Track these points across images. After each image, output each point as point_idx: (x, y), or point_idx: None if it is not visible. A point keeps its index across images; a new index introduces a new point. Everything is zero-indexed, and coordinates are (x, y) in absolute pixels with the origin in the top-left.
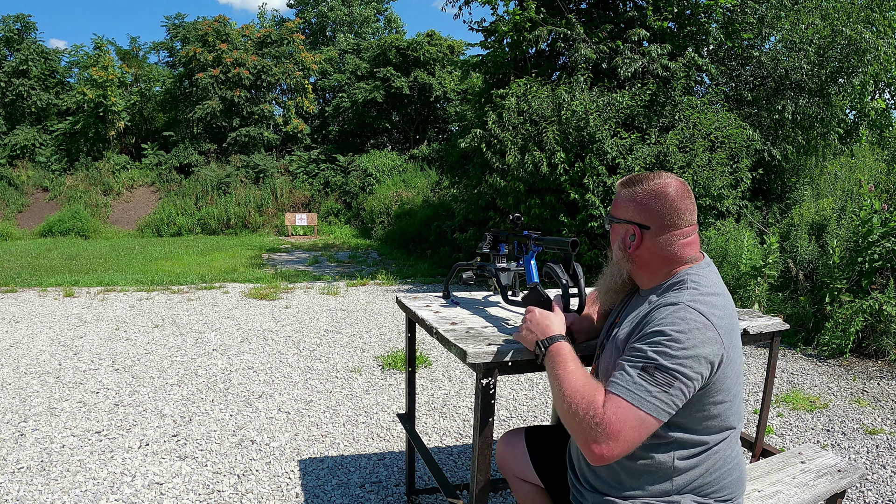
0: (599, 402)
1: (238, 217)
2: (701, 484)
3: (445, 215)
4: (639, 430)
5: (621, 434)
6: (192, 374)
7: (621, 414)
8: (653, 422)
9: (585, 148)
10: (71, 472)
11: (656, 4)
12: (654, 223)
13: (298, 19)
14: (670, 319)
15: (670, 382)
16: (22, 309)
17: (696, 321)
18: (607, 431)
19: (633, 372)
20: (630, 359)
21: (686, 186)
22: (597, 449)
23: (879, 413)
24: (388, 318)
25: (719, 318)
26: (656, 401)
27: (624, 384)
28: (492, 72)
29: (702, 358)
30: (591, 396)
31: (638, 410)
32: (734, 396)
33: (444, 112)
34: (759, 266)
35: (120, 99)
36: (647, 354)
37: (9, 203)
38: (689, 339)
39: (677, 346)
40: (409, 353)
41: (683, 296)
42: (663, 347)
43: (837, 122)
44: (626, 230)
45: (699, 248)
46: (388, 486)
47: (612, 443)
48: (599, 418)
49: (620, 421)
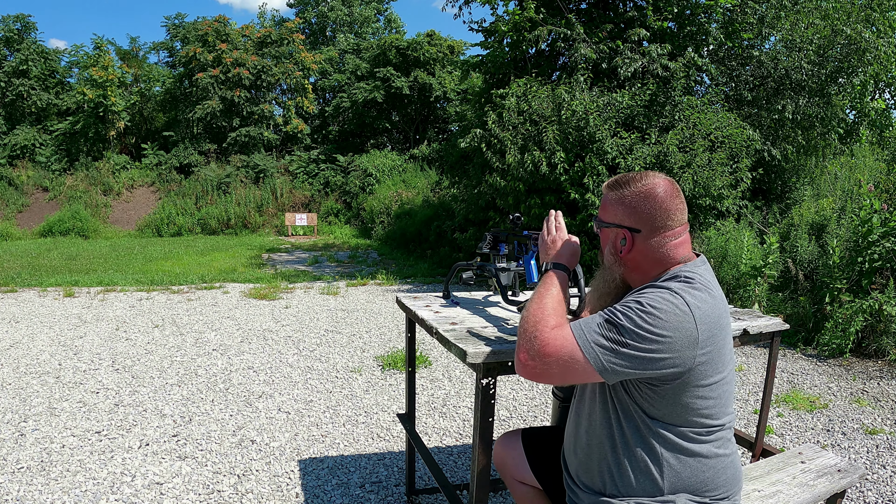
0: (551, 324)
1: (238, 217)
2: (694, 482)
3: (445, 215)
4: (567, 367)
5: (550, 358)
6: (192, 374)
7: (561, 342)
8: (584, 368)
9: (585, 148)
10: (71, 472)
11: (656, 4)
12: (645, 226)
13: (298, 19)
14: (652, 295)
15: (623, 343)
16: (22, 309)
17: (677, 307)
18: (540, 350)
19: (596, 319)
20: (602, 312)
21: (675, 185)
22: (522, 357)
23: (879, 413)
24: (388, 318)
25: (703, 313)
26: (599, 349)
27: (581, 324)
28: (492, 72)
29: (667, 341)
30: (546, 318)
31: (577, 349)
32: (721, 394)
33: (444, 112)
34: (759, 266)
35: (120, 99)
36: (615, 313)
37: (9, 203)
38: (661, 318)
39: (646, 318)
40: (409, 353)
41: (673, 283)
42: (632, 314)
43: (837, 122)
44: (617, 234)
45: (691, 247)
46: (388, 486)
47: (537, 360)
48: (541, 336)
49: (557, 348)
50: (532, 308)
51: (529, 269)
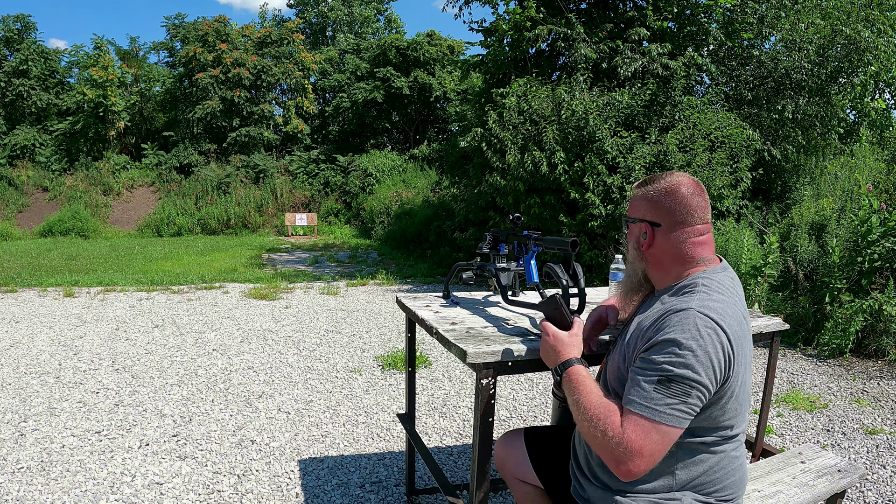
0: (617, 422)
1: (238, 217)
2: (703, 482)
3: (445, 215)
4: (662, 443)
5: (644, 449)
6: (192, 374)
7: (641, 431)
8: (675, 432)
9: (585, 147)
10: (71, 472)
11: (656, 4)
12: (665, 220)
13: (298, 19)
14: (681, 327)
15: (687, 392)
16: (22, 309)
17: (708, 328)
18: (630, 449)
19: (649, 386)
20: (643, 371)
21: (700, 185)
22: (623, 467)
23: (879, 413)
24: (388, 318)
25: (729, 325)
26: (675, 412)
27: (641, 400)
28: (492, 71)
29: (715, 364)
30: (608, 417)
31: (658, 425)
32: (742, 402)
33: (444, 112)
34: (759, 266)
35: (120, 99)
36: (661, 366)
37: (9, 203)
38: (702, 346)
39: (690, 355)
40: (409, 353)
41: (693, 301)
42: (677, 357)
43: (837, 122)
44: (640, 228)
45: (713, 250)
46: (388, 486)
47: (636, 459)
48: (619, 438)
49: (641, 438)
50: (587, 420)
51: (529, 269)
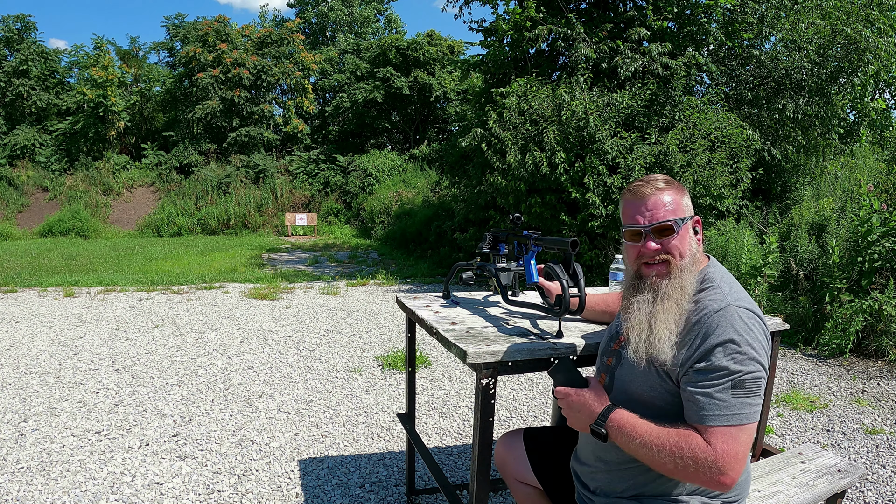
0: (701, 442)
1: (238, 217)
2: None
3: (445, 215)
4: (749, 439)
5: (739, 454)
6: (192, 374)
7: (731, 440)
8: (755, 424)
9: (585, 148)
10: (71, 472)
11: (656, 4)
12: (692, 212)
13: (298, 19)
14: (730, 324)
15: (758, 385)
16: (22, 309)
17: (750, 319)
18: (728, 462)
19: (725, 395)
20: (710, 383)
21: None
22: (725, 479)
23: (879, 413)
24: (388, 318)
25: (760, 311)
26: (754, 408)
27: (722, 412)
28: (492, 71)
29: (766, 349)
30: (689, 444)
31: (744, 426)
32: None
33: (444, 112)
34: (759, 266)
35: (120, 99)
36: (729, 369)
37: (9, 203)
38: (754, 337)
39: (750, 349)
40: (409, 353)
41: (724, 296)
42: (740, 355)
43: (837, 122)
44: (690, 225)
45: None
46: (388, 486)
47: (736, 466)
48: (713, 456)
49: (734, 446)
50: (665, 458)
51: (529, 269)
